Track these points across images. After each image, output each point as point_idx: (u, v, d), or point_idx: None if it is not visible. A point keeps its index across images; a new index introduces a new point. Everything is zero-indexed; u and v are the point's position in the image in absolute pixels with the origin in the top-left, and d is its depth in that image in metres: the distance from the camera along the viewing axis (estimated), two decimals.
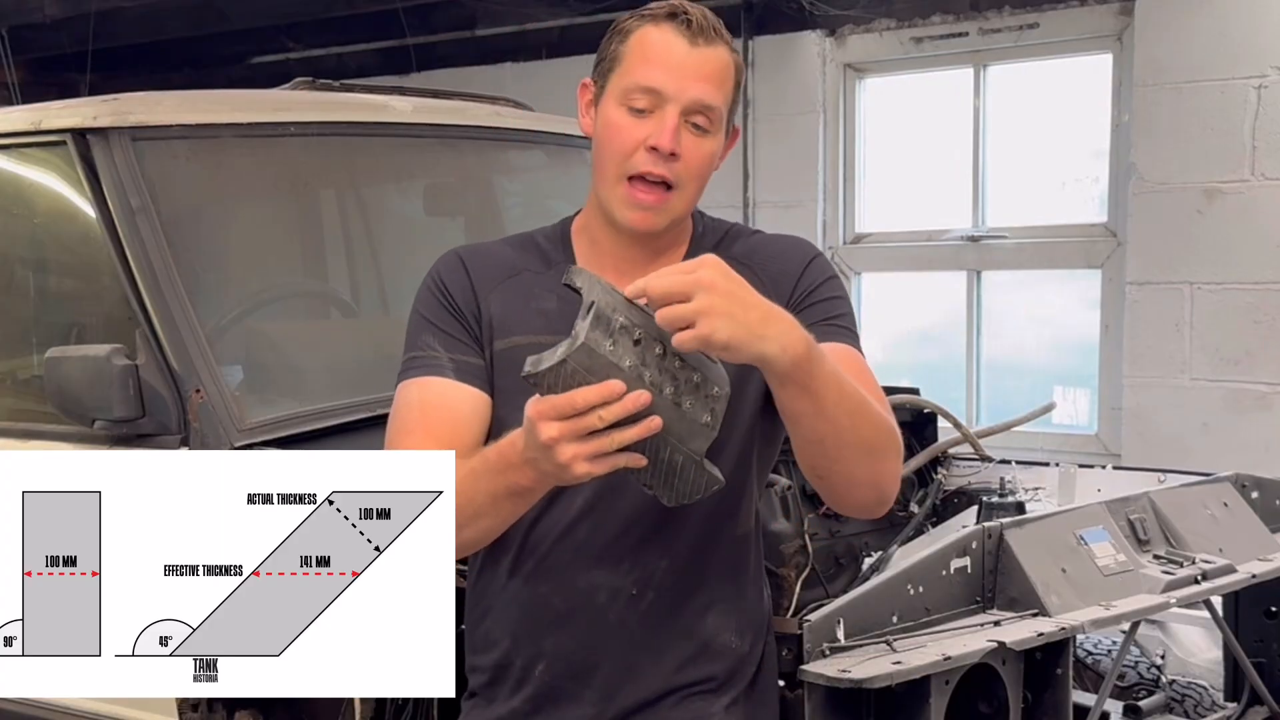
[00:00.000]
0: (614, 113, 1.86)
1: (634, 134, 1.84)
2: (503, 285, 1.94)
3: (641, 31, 1.86)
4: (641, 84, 1.84)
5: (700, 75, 1.84)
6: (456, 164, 3.65)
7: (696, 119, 1.85)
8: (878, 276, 6.55)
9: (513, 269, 1.97)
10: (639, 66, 1.85)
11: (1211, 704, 3.07)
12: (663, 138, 1.83)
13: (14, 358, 3.31)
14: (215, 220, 3.25)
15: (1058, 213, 6.04)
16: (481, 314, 1.93)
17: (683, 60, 1.84)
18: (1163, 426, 5.56)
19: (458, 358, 1.91)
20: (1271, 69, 5.27)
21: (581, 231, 1.99)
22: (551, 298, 1.92)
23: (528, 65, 7.08)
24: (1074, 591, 2.39)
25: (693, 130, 1.85)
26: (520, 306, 1.93)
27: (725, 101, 1.88)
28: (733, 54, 1.90)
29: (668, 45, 1.84)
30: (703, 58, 1.84)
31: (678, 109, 1.83)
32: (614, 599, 1.90)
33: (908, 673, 2.05)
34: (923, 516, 3.31)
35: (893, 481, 1.87)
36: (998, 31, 5.98)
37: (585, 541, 1.89)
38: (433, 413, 1.88)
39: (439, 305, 1.95)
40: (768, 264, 1.95)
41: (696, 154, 1.86)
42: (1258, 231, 5.33)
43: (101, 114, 2.94)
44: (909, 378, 4.35)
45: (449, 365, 1.90)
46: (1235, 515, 2.88)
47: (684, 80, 1.83)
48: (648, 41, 1.85)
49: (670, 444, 1.61)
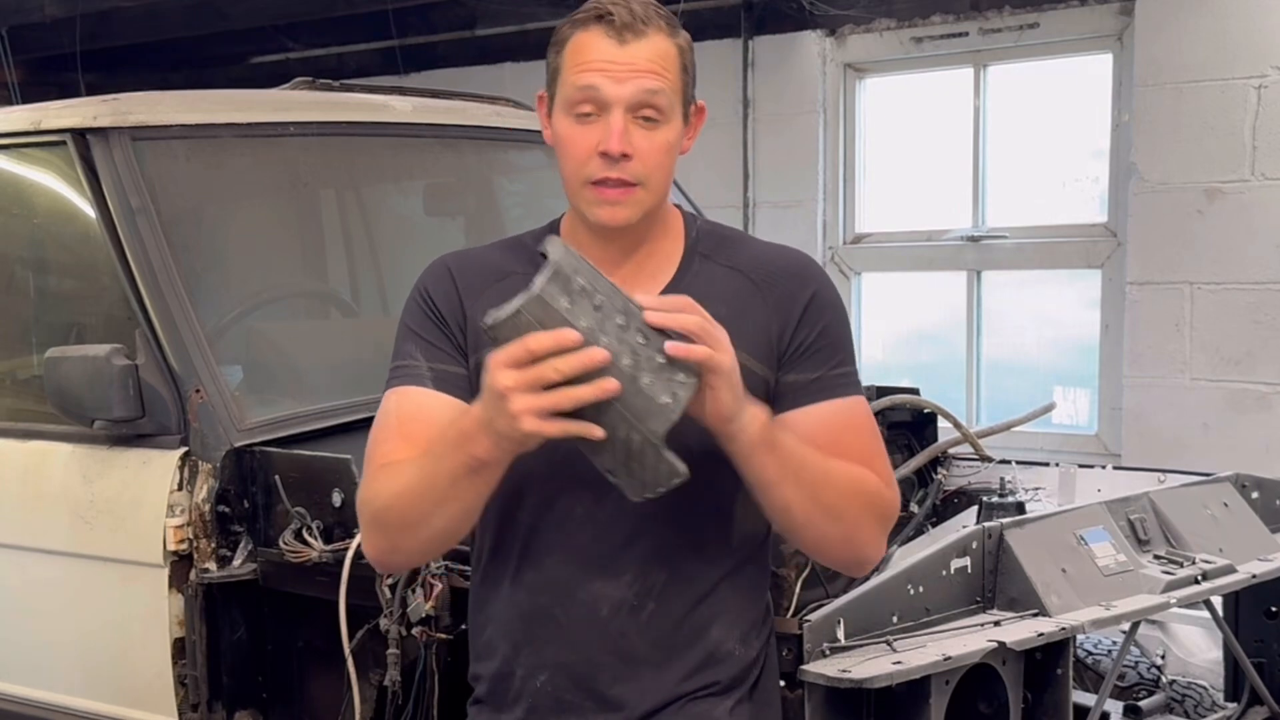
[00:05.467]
0: (563, 124, 1.86)
1: (585, 142, 1.83)
2: (490, 291, 1.91)
3: (574, 39, 1.85)
4: (581, 89, 1.83)
5: (635, 70, 1.82)
6: (456, 164, 3.65)
7: (644, 112, 1.83)
8: (878, 276, 6.55)
9: (500, 273, 1.95)
10: (575, 74, 1.84)
11: (1211, 704, 3.07)
12: (610, 142, 1.81)
13: (14, 358, 3.31)
14: (215, 220, 3.26)
15: (1058, 213, 6.03)
16: (467, 322, 1.91)
17: (614, 60, 1.82)
18: (1163, 426, 5.56)
19: (437, 367, 1.90)
20: (1271, 69, 5.27)
21: (567, 235, 1.96)
22: None
23: (528, 65, 7.07)
24: (1074, 591, 2.39)
25: (642, 124, 1.84)
26: None
27: (672, 86, 1.86)
28: (671, 36, 1.87)
29: (597, 49, 1.83)
30: (634, 53, 1.83)
31: (620, 110, 1.82)
32: (616, 611, 1.87)
33: (908, 673, 2.05)
34: (923, 516, 3.31)
35: (870, 546, 1.88)
36: (998, 31, 5.98)
37: (586, 552, 1.87)
38: (409, 422, 1.88)
39: (422, 315, 1.94)
40: (773, 283, 1.93)
41: (651, 147, 1.84)
42: (1258, 231, 5.33)
43: (101, 114, 2.94)
44: (909, 378, 4.35)
45: (428, 374, 1.89)
46: (1235, 515, 2.88)
47: (619, 80, 1.82)
48: (579, 48, 1.84)
49: (628, 421, 1.61)
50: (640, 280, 1.89)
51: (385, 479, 1.83)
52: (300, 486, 2.60)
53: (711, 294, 1.85)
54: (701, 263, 1.94)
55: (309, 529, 2.56)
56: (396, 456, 1.85)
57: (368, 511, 1.87)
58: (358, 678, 2.46)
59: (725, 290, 1.90)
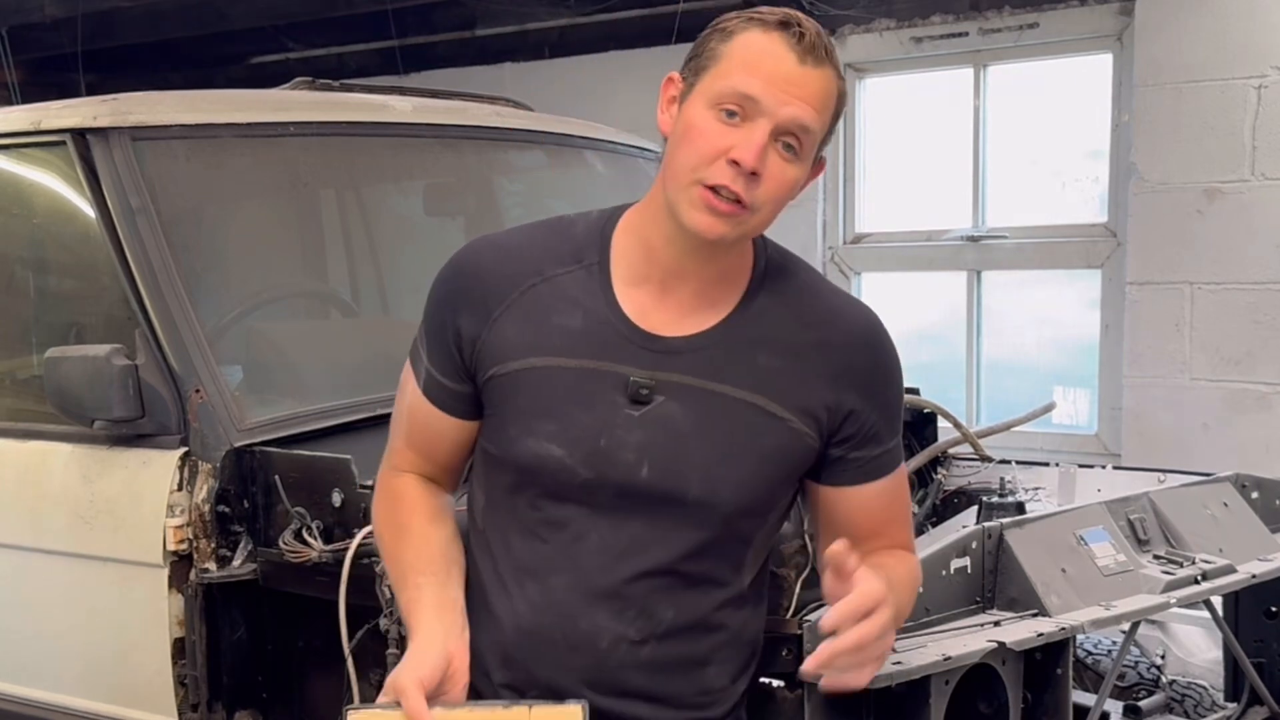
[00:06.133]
0: (700, 114, 1.72)
1: (718, 141, 1.69)
2: (523, 297, 1.81)
3: (748, 34, 1.73)
4: (738, 89, 1.69)
5: (803, 94, 1.70)
6: (456, 164, 3.65)
7: (788, 139, 1.71)
8: (878, 276, 6.55)
9: (537, 272, 1.82)
10: (738, 70, 1.70)
11: (1211, 704, 3.07)
12: (748, 151, 1.68)
13: (14, 358, 3.31)
14: (215, 220, 3.25)
15: (1058, 213, 6.03)
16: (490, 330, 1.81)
17: (788, 74, 1.70)
18: (1163, 426, 5.56)
19: (435, 375, 1.87)
20: (1271, 69, 5.27)
21: (630, 231, 1.84)
22: (577, 313, 1.80)
23: (528, 65, 7.07)
24: (1074, 591, 2.39)
25: (781, 151, 1.71)
26: (541, 322, 1.80)
27: (822, 128, 1.74)
28: (839, 83, 1.75)
29: (774, 54, 1.70)
30: (809, 76, 1.71)
31: (770, 125, 1.69)
32: (615, 645, 1.81)
33: (908, 673, 2.05)
34: (923, 516, 3.31)
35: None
36: (998, 31, 5.98)
37: (594, 582, 1.80)
38: (414, 423, 1.92)
39: (438, 311, 1.86)
40: (836, 348, 1.83)
41: (779, 178, 1.71)
42: (1258, 231, 5.33)
43: (101, 114, 2.94)
44: (909, 378, 4.32)
45: (424, 377, 1.88)
46: (1235, 515, 2.88)
47: (784, 95, 1.69)
48: (753, 45, 1.71)
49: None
50: (699, 306, 1.81)
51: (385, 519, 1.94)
52: (300, 486, 2.60)
53: (770, 339, 1.80)
54: (766, 302, 1.83)
55: (309, 529, 2.56)
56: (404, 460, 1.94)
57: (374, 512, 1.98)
58: (358, 678, 2.46)
59: (784, 338, 1.81)
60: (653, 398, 1.77)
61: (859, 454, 1.85)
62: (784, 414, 1.79)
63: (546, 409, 1.79)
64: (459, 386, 1.86)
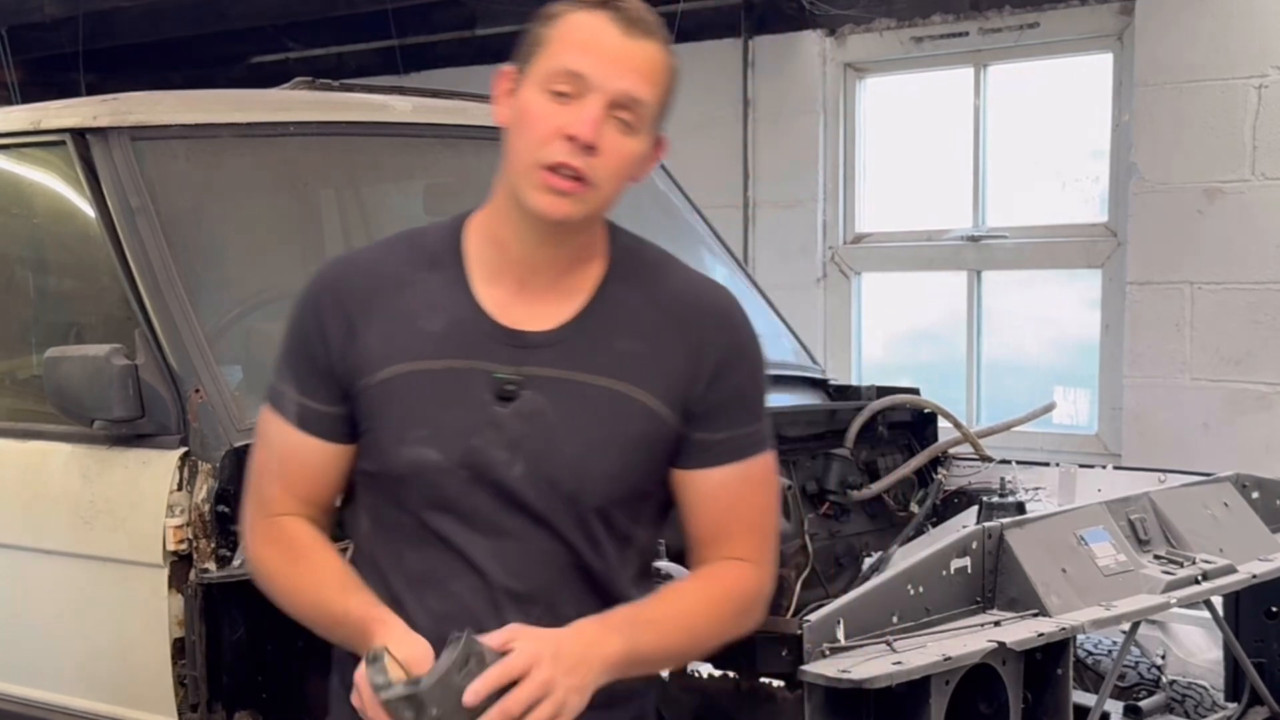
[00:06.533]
0: (533, 98, 1.73)
1: (552, 120, 1.70)
2: (384, 306, 1.81)
3: (573, 16, 1.75)
4: (566, 68, 1.71)
5: (631, 67, 1.71)
6: (456, 164, 3.65)
7: (622, 114, 1.71)
8: (878, 276, 6.55)
9: (397, 281, 1.82)
10: (565, 50, 1.72)
11: (1212, 704, 3.07)
12: (582, 126, 1.69)
13: (14, 358, 3.31)
14: (215, 220, 3.25)
15: (1058, 213, 6.03)
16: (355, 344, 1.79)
17: (613, 48, 1.71)
18: (1163, 426, 5.56)
19: (305, 403, 1.82)
20: (1271, 69, 5.26)
21: (481, 231, 1.85)
22: (438, 315, 1.80)
23: None
24: (1074, 591, 2.39)
25: (617, 125, 1.71)
26: (404, 328, 1.80)
27: (656, 100, 1.75)
28: (668, 56, 1.77)
29: (600, 31, 1.72)
30: (636, 49, 1.72)
31: (602, 99, 1.70)
32: None
33: (908, 673, 2.05)
34: (923, 516, 3.31)
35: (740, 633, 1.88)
36: (998, 31, 5.98)
37: (499, 583, 1.77)
38: (288, 463, 1.86)
39: (302, 337, 1.84)
40: (692, 325, 1.82)
41: (618, 152, 1.72)
42: (1258, 231, 5.33)
43: (101, 114, 2.94)
44: (909, 378, 4.34)
45: (294, 410, 1.83)
46: (1235, 515, 2.88)
47: (612, 69, 1.71)
48: (578, 25, 1.73)
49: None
50: (557, 298, 1.81)
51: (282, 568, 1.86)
52: None
53: (627, 327, 1.80)
54: (621, 288, 1.83)
55: None
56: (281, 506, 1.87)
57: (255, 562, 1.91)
58: None
59: (641, 324, 1.81)
60: (519, 393, 1.77)
61: (711, 435, 1.81)
62: (645, 398, 1.79)
63: (417, 414, 1.78)
64: (336, 409, 1.82)
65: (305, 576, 1.83)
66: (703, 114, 6.53)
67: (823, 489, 3.37)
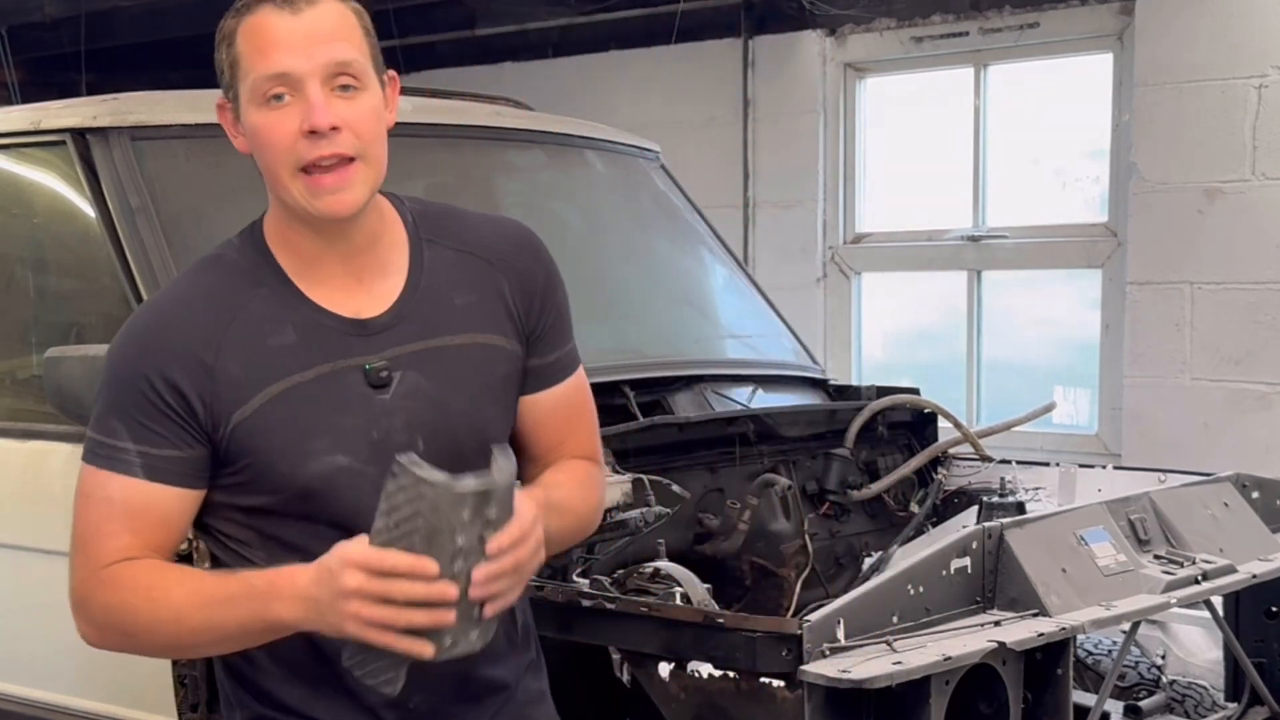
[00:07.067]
0: (255, 116, 1.73)
1: (284, 127, 1.71)
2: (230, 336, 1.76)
3: (243, 28, 1.75)
4: (265, 74, 1.71)
5: (320, 38, 1.71)
6: (456, 164, 3.65)
7: (340, 81, 1.72)
8: (878, 276, 6.55)
9: (230, 307, 1.78)
10: (254, 61, 1.72)
11: (1212, 704, 3.07)
12: (315, 116, 1.70)
13: (14, 358, 3.31)
14: (215, 220, 3.25)
15: (1058, 213, 6.03)
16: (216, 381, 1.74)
17: (291, 31, 1.71)
18: (1163, 426, 5.56)
19: (150, 453, 1.74)
20: (1271, 69, 5.27)
21: (280, 246, 1.83)
22: (285, 329, 1.78)
23: (528, 65, 7.07)
24: (1074, 591, 2.39)
25: (342, 94, 1.72)
26: (258, 351, 1.77)
27: (360, 48, 1.75)
28: (344, 1, 1.77)
29: (269, 25, 1.72)
30: (313, 20, 1.72)
31: (315, 81, 1.70)
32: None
33: (908, 673, 2.05)
34: (923, 516, 3.32)
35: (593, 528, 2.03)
36: (998, 31, 5.98)
37: None
38: (138, 517, 1.75)
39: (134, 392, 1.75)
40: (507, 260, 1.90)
41: (360, 114, 1.73)
42: (1258, 231, 5.33)
43: (101, 114, 2.94)
44: (909, 378, 4.35)
45: (138, 463, 1.74)
46: (1235, 515, 2.88)
47: (303, 51, 1.71)
48: (253, 33, 1.73)
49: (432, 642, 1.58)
50: (380, 277, 1.82)
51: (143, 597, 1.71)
52: None
53: (452, 282, 1.84)
54: (430, 249, 1.87)
55: None
56: (131, 554, 1.74)
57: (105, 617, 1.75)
58: None
59: (464, 276, 1.86)
60: (392, 377, 1.80)
61: (543, 359, 1.92)
62: (499, 340, 1.87)
63: (311, 427, 1.76)
64: (191, 451, 1.75)
65: (174, 589, 1.71)
66: (703, 114, 6.53)
67: (823, 489, 3.38)
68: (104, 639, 1.80)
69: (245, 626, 1.68)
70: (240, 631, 1.70)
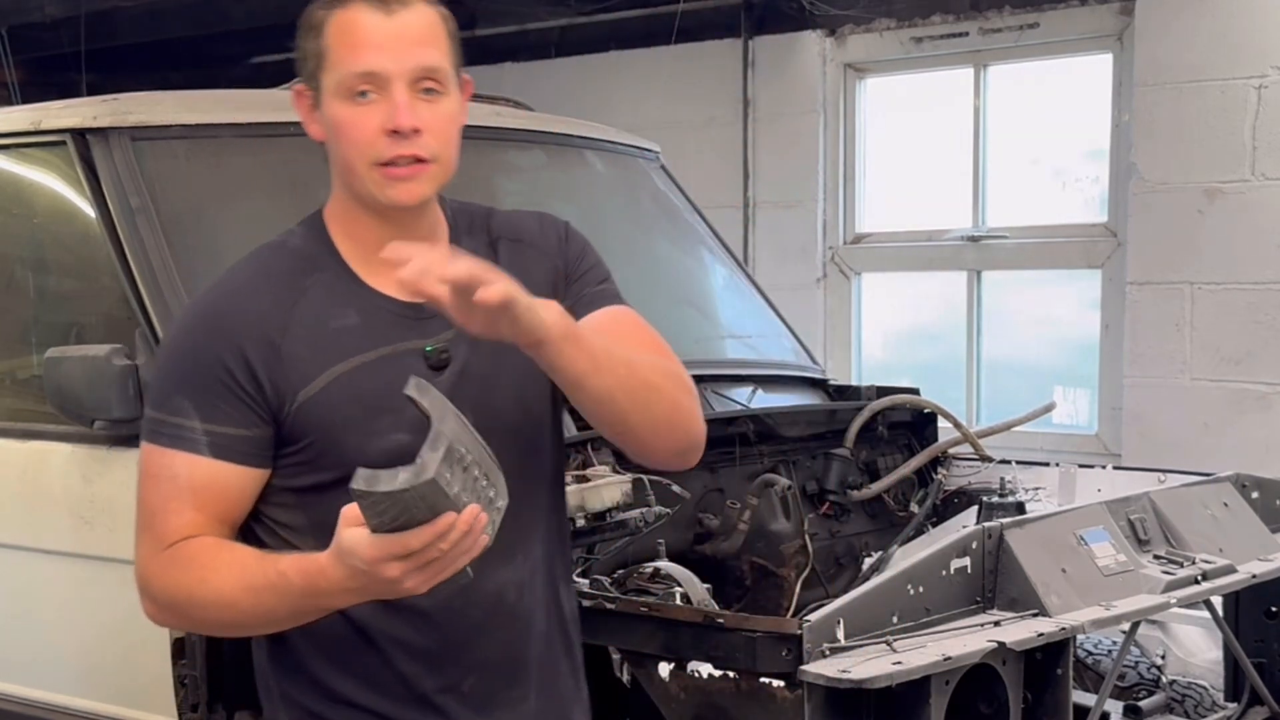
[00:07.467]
0: (339, 109, 1.78)
1: (368, 123, 1.77)
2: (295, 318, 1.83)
3: (335, 20, 1.78)
4: (354, 72, 1.76)
5: (411, 41, 1.77)
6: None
7: (425, 84, 1.78)
8: (878, 276, 6.55)
9: (290, 290, 1.85)
10: (344, 56, 1.77)
11: (1212, 704, 3.07)
12: (399, 118, 1.75)
13: (14, 358, 3.31)
14: (215, 220, 3.25)
15: (1058, 213, 6.03)
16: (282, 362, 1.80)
17: (385, 33, 1.76)
18: (1163, 426, 5.56)
19: (216, 430, 1.79)
20: (1271, 69, 5.27)
21: (341, 233, 1.90)
22: (348, 312, 1.85)
23: (528, 65, 7.07)
24: (1074, 591, 2.39)
25: (425, 97, 1.78)
26: (321, 333, 1.83)
27: (446, 56, 1.81)
28: (433, 6, 1.82)
29: (365, 24, 1.76)
30: (405, 23, 1.77)
31: (403, 84, 1.76)
32: (520, 593, 1.90)
33: (908, 673, 2.05)
34: (923, 516, 3.32)
35: (695, 420, 1.91)
36: (998, 31, 5.98)
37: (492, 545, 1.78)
38: (202, 492, 1.80)
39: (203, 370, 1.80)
40: (536, 240, 1.97)
41: (440, 119, 1.79)
42: (1258, 231, 5.33)
43: (101, 114, 2.94)
44: (909, 378, 4.35)
45: (203, 441, 1.79)
46: (1235, 515, 2.88)
47: (394, 52, 1.76)
48: (345, 28, 1.77)
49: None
50: None
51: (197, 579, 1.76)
52: None
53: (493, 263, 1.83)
54: (469, 240, 1.93)
55: None
56: (195, 530, 1.80)
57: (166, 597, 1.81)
58: None
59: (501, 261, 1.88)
60: (449, 359, 1.85)
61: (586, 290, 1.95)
62: None
63: (376, 405, 1.81)
64: (257, 431, 1.81)
65: (224, 570, 1.76)
66: (703, 114, 6.53)
67: (823, 489, 3.38)
68: (165, 618, 1.88)
69: (300, 614, 1.75)
70: (292, 617, 1.76)
